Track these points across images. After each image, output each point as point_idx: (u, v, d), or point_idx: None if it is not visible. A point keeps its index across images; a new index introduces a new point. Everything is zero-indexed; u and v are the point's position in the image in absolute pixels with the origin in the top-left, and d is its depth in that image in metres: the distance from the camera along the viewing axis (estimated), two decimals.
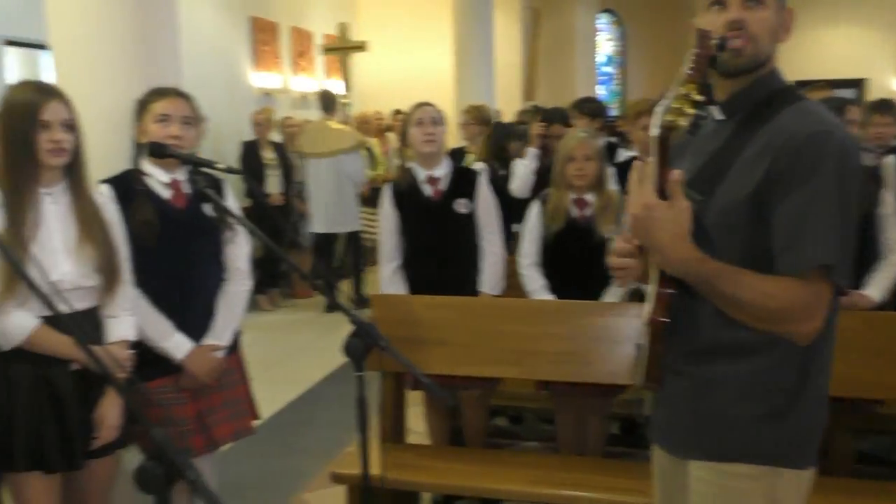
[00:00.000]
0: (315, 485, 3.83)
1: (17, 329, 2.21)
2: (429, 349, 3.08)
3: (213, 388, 2.68)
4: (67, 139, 2.26)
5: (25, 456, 2.24)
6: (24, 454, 2.24)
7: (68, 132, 2.27)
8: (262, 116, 7.47)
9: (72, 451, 2.28)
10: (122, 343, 2.39)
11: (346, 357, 2.18)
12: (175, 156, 2.52)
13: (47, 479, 2.29)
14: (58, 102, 2.26)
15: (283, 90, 9.51)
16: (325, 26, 10.68)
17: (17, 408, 2.24)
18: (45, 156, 2.23)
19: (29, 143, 2.21)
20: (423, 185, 3.38)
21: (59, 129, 2.24)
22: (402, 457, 3.03)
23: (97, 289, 2.33)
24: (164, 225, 2.57)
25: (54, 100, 2.26)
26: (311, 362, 5.83)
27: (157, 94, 2.61)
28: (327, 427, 4.65)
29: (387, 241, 3.43)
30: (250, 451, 4.03)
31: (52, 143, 2.23)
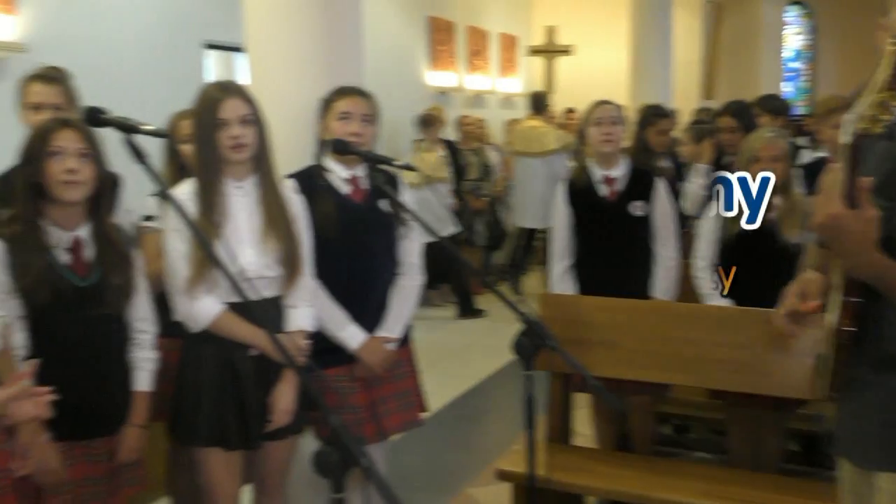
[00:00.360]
0: (480, 480, 3.86)
1: (205, 313, 2.34)
2: (597, 351, 3.03)
3: (385, 378, 2.74)
4: (247, 134, 2.34)
5: (207, 432, 2.38)
6: (206, 430, 2.38)
7: (248, 127, 2.35)
8: (432, 114, 7.61)
9: (249, 431, 2.40)
10: (299, 332, 2.48)
11: (515, 355, 2.19)
12: (355, 152, 2.62)
13: (227, 455, 2.42)
14: (236, 100, 2.34)
15: (458, 89, 9.64)
16: (501, 25, 10.74)
17: (203, 386, 2.38)
18: (226, 152, 2.34)
19: (211, 140, 2.33)
20: (598, 184, 3.33)
21: (238, 126, 2.33)
22: (567, 458, 3.00)
23: (279, 279, 2.45)
24: (342, 219, 2.66)
25: (233, 97, 2.34)
26: (479, 358, 5.89)
27: (340, 93, 2.71)
28: (493, 423, 4.68)
29: (559, 239, 3.41)
30: (418, 443, 4.12)
31: (231, 139, 2.32)
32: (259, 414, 2.41)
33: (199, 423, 2.38)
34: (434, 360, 5.70)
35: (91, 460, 2.30)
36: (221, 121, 2.32)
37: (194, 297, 2.33)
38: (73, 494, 2.25)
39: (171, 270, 2.37)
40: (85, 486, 2.28)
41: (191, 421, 2.39)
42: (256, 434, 2.42)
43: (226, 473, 2.45)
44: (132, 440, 2.35)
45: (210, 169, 2.36)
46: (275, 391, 2.42)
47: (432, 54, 9.17)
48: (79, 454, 2.27)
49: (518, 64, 11.22)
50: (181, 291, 2.34)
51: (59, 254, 2.22)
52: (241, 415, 2.39)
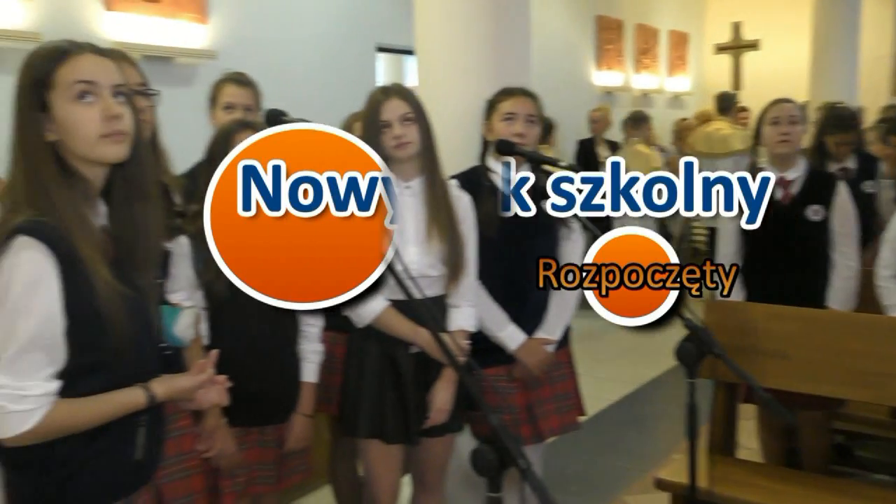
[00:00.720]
0: (636, 488, 3.79)
1: (370, 309, 2.40)
2: (766, 361, 2.90)
3: (543, 380, 2.74)
4: (409, 133, 2.39)
5: (368, 424, 2.45)
6: (366, 423, 2.45)
7: (410, 126, 2.39)
8: (598, 114, 7.53)
9: (408, 427, 2.46)
10: (461, 332, 2.51)
11: (678, 361, 2.13)
12: (520, 153, 2.63)
13: (387, 447, 2.48)
14: (397, 100, 2.39)
15: (625, 88, 9.49)
16: (672, 22, 10.46)
17: (365, 380, 2.46)
18: (391, 151, 2.39)
19: (376, 142, 2.37)
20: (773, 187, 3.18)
21: (400, 125, 2.38)
22: (731, 471, 2.89)
23: (442, 278, 2.49)
24: (504, 220, 2.68)
25: (393, 98, 2.39)
26: (639, 362, 5.77)
27: (505, 94, 2.73)
28: (652, 430, 4.58)
29: (726, 244, 3.28)
30: (574, 447, 4.09)
31: (394, 139, 2.38)
32: (418, 410, 2.46)
33: (360, 415, 2.46)
34: (593, 364, 5.64)
35: (263, 446, 2.42)
36: (384, 122, 2.38)
37: None
38: (245, 478, 2.39)
39: None
40: (256, 471, 2.41)
41: (353, 413, 2.47)
42: (415, 430, 2.47)
43: (385, 465, 2.51)
44: (300, 429, 2.46)
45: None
46: (433, 389, 2.47)
47: (599, 53, 9.07)
48: (252, 440, 2.40)
49: (688, 62, 10.88)
50: None
51: None
52: (400, 410, 2.45)
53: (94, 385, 1.56)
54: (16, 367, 1.47)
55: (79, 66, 1.56)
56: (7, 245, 1.48)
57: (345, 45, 6.18)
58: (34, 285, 1.47)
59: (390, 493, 2.55)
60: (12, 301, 1.46)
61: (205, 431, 2.23)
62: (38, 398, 1.48)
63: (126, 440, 1.63)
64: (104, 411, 1.57)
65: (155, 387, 1.63)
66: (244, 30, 5.41)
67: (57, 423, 1.51)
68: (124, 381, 1.60)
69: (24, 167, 1.55)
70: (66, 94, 1.54)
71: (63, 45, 1.58)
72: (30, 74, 1.55)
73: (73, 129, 1.54)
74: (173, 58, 4.97)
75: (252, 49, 5.29)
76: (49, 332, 1.49)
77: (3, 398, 1.46)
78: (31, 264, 1.47)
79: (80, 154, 1.56)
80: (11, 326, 1.47)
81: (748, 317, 3.00)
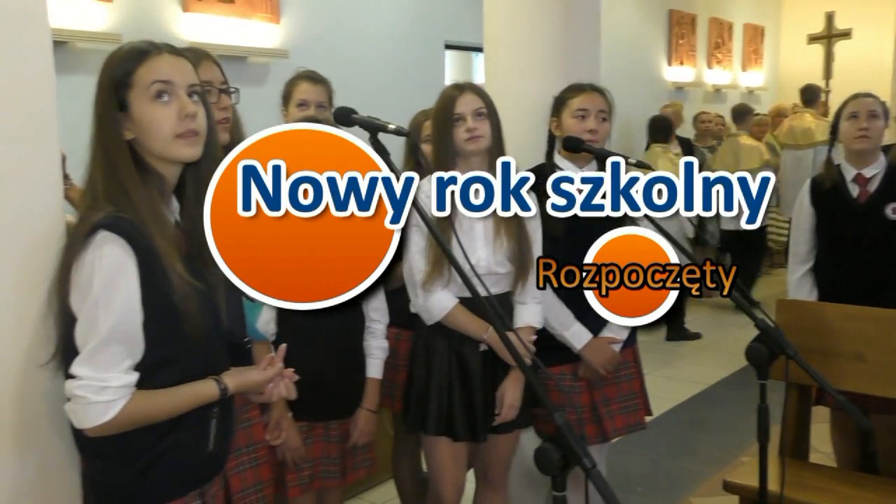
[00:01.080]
0: (703, 490, 3.73)
1: (439, 306, 2.43)
2: (841, 364, 2.82)
3: (609, 380, 2.72)
4: (481, 126, 2.42)
5: (436, 421, 2.47)
6: (434, 420, 2.47)
7: (482, 120, 2.42)
8: (669, 110, 7.41)
9: (475, 424, 2.47)
10: (527, 329, 2.51)
11: (748, 362, 2.10)
12: (588, 150, 2.61)
13: (453, 445, 2.50)
14: (471, 94, 2.44)
15: (697, 83, 9.31)
16: (746, 15, 10.23)
17: (433, 377, 2.48)
18: (462, 144, 2.41)
19: (449, 135, 2.42)
20: (849, 184, 3.09)
21: (473, 119, 2.41)
22: (803, 475, 2.82)
23: (509, 276, 2.50)
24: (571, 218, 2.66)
25: (467, 93, 2.44)
26: (708, 362, 5.68)
27: (576, 90, 2.71)
28: (720, 432, 4.50)
29: (799, 241, 3.20)
30: (640, 447, 4.05)
31: (467, 132, 2.41)
32: (486, 407, 2.47)
33: (428, 412, 2.47)
34: (661, 363, 5.57)
35: (328, 441, 2.46)
36: (458, 115, 2.41)
37: (430, 291, 2.42)
38: (310, 472, 2.42)
39: (409, 264, 2.46)
40: (321, 465, 2.45)
41: (421, 410, 2.49)
42: (483, 427, 2.48)
43: (451, 462, 2.53)
44: (364, 424, 2.48)
45: (447, 165, 2.45)
46: (503, 386, 2.47)
47: (671, 48, 8.92)
48: (317, 434, 2.44)
49: (763, 56, 10.63)
50: (419, 285, 2.43)
51: None
52: (468, 407, 2.46)
53: (169, 377, 1.61)
54: (97, 359, 1.52)
55: (156, 66, 1.60)
56: (88, 240, 1.53)
57: (414, 43, 6.22)
58: (115, 279, 1.52)
59: (455, 490, 2.56)
60: (94, 295, 1.52)
61: (271, 422, 2.28)
62: (118, 389, 1.53)
63: (200, 432, 1.67)
64: (179, 403, 1.61)
65: (227, 380, 1.68)
66: (315, 29, 5.50)
67: (135, 414, 1.55)
68: (197, 373, 1.65)
69: (104, 165, 1.61)
70: (143, 93, 1.59)
71: (141, 46, 1.63)
72: (109, 75, 1.61)
73: (149, 127, 1.60)
74: (247, 57, 5.08)
75: (322, 48, 5.37)
76: (128, 325, 1.54)
77: (84, 389, 1.52)
78: (111, 258, 1.52)
79: (156, 152, 1.62)
80: (93, 319, 1.52)
81: (823, 317, 2.93)
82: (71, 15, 4.21)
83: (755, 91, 10.43)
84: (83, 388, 1.51)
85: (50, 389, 1.67)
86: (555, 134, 2.75)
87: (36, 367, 1.65)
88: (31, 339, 1.65)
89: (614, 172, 1.74)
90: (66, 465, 1.75)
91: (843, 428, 3.23)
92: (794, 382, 2.97)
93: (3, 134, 1.60)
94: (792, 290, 3.21)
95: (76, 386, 1.52)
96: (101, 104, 1.61)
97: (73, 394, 1.53)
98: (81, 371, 1.52)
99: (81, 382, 1.52)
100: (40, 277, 1.63)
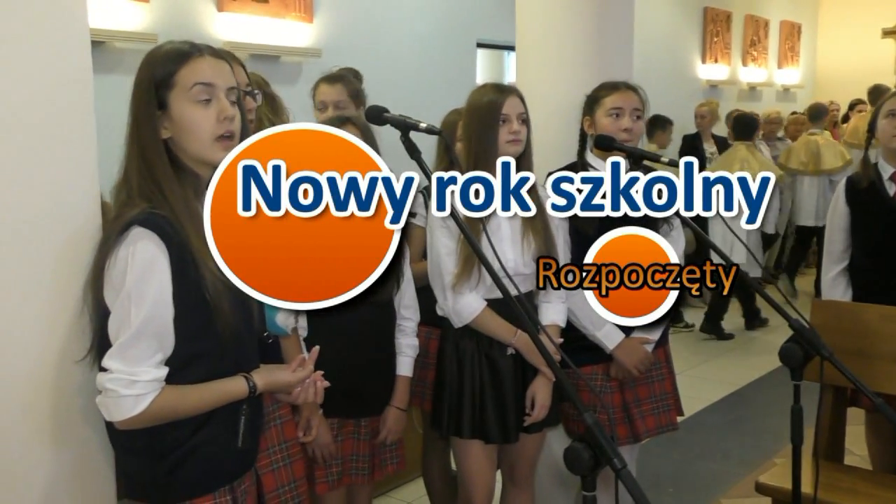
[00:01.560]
0: (735, 491, 3.70)
1: (468, 310, 2.42)
2: (878, 365, 2.78)
3: (641, 380, 2.71)
4: (523, 131, 2.43)
5: (471, 424, 2.47)
6: (469, 422, 2.47)
7: (524, 126, 2.44)
8: (705, 109, 7.33)
9: (507, 425, 2.47)
10: (554, 328, 2.52)
11: (782, 363, 2.07)
12: (620, 149, 2.60)
13: (486, 447, 2.50)
14: (516, 98, 2.44)
15: (731, 81, 9.21)
16: (783, 12, 10.10)
17: (465, 380, 2.47)
18: (504, 147, 2.41)
19: (491, 136, 2.41)
20: (886, 182, 3.04)
21: (517, 122, 2.42)
22: (837, 478, 2.78)
23: (535, 276, 2.49)
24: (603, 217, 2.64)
25: (513, 96, 2.44)
26: (741, 363, 5.62)
27: (609, 88, 2.69)
28: (753, 433, 4.45)
29: (834, 240, 3.15)
30: (671, 447, 4.02)
31: (511, 133, 2.41)
32: (517, 408, 2.47)
33: (462, 416, 2.47)
34: (694, 363, 5.52)
35: (358, 438, 2.46)
36: (504, 116, 2.41)
37: (459, 293, 2.42)
38: (339, 469, 2.43)
39: (436, 266, 2.46)
40: (350, 462, 2.45)
41: (455, 414, 2.48)
42: (515, 428, 2.48)
43: (483, 464, 2.53)
44: (394, 421, 2.48)
45: (483, 165, 2.44)
46: (532, 386, 2.47)
47: (705, 46, 8.83)
48: (347, 432, 2.45)
49: (799, 54, 10.49)
50: (447, 287, 2.42)
51: None
52: (500, 409, 2.46)
53: (199, 373, 1.62)
54: (128, 353, 1.54)
55: (198, 68, 1.62)
56: (122, 237, 1.56)
57: (446, 42, 6.22)
58: (146, 274, 1.54)
59: (487, 493, 2.56)
60: (126, 289, 1.54)
61: (302, 420, 2.29)
62: (148, 383, 1.55)
63: (230, 429, 1.69)
64: (209, 399, 1.63)
65: (256, 378, 1.69)
66: (348, 28, 5.52)
67: (164, 408, 1.57)
68: (227, 370, 1.66)
69: (139, 162, 1.63)
70: (184, 94, 1.61)
71: (184, 48, 1.65)
72: (150, 74, 1.63)
73: (189, 128, 1.62)
74: (280, 56, 5.12)
75: (355, 47, 5.39)
76: (160, 320, 1.56)
77: (115, 383, 1.54)
78: (144, 254, 1.55)
79: (193, 153, 1.64)
80: (125, 313, 1.54)
81: (859, 318, 2.89)
82: (108, 15, 4.27)
83: (791, 89, 10.30)
84: (114, 381, 1.54)
85: (84, 384, 1.70)
86: (587, 132, 2.74)
87: (72, 363, 1.68)
88: (67, 334, 1.68)
89: (614, 173, 1.74)
90: (101, 459, 1.78)
91: (879, 430, 3.18)
92: (830, 384, 2.93)
93: (42, 133, 1.63)
94: (826, 290, 3.17)
95: (107, 379, 1.54)
96: (139, 102, 1.63)
97: (103, 387, 1.55)
98: (112, 364, 1.54)
99: (112, 376, 1.54)
100: (75, 273, 1.66)
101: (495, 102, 2.42)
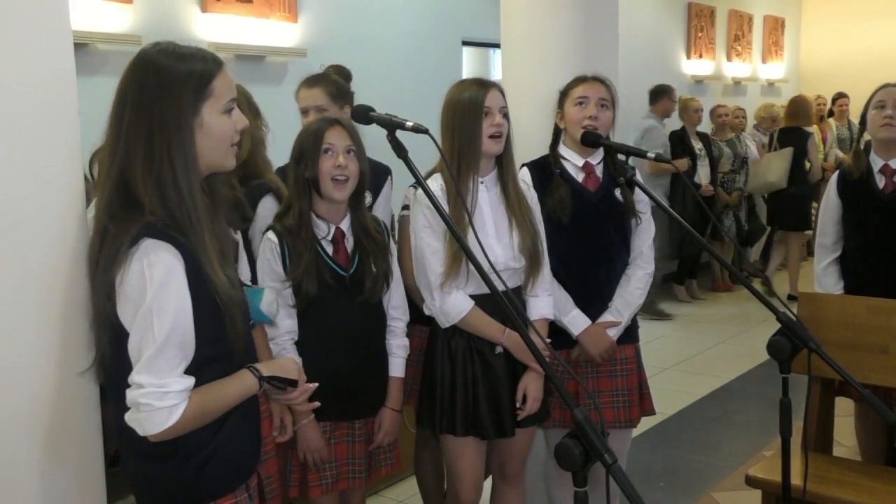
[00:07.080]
0: (726, 485, 3.71)
1: (456, 310, 2.42)
2: (865, 357, 2.79)
3: (604, 372, 2.72)
4: (505, 124, 2.43)
5: (465, 422, 2.46)
6: (463, 420, 2.46)
7: (505, 120, 2.43)
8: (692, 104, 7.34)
9: (501, 420, 2.47)
10: (542, 322, 2.52)
11: (770, 356, 2.08)
12: (605, 144, 2.61)
13: (478, 444, 2.51)
14: (497, 91, 2.44)
15: (716, 76, 9.23)
16: (767, 7, 10.13)
17: (457, 377, 2.47)
18: (487, 142, 2.40)
19: (476, 131, 2.39)
20: (876, 175, 3.06)
21: (499, 115, 2.41)
22: (827, 469, 2.80)
23: (522, 270, 2.49)
24: (575, 206, 2.66)
25: (494, 89, 2.43)
26: (728, 357, 5.64)
27: (578, 81, 2.72)
28: (742, 426, 4.47)
29: (826, 232, 3.17)
30: (662, 442, 4.04)
31: (493, 126, 2.40)
32: (510, 403, 2.47)
33: (456, 414, 2.46)
34: (682, 358, 5.54)
35: (352, 441, 2.44)
36: (486, 109, 2.40)
37: (446, 293, 2.41)
38: (334, 472, 2.41)
39: (422, 266, 2.45)
40: (346, 465, 2.43)
41: (447, 412, 2.47)
42: (508, 423, 2.48)
43: (475, 461, 2.53)
44: (389, 423, 2.46)
45: (466, 163, 2.43)
46: (523, 379, 2.47)
47: (690, 41, 8.85)
48: (341, 434, 2.42)
49: (783, 48, 10.53)
50: (434, 287, 2.42)
51: (325, 245, 2.37)
52: (494, 405, 2.46)
53: (213, 376, 1.62)
54: (156, 365, 1.52)
55: (227, 79, 1.64)
56: (132, 250, 1.53)
57: (431, 40, 6.21)
58: (167, 285, 1.52)
59: (476, 490, 2.55)
60: (148, 303, 1.52)
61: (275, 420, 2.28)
62: (179, 394, 1.54)
63: (245, 426, 1.71)
64: (228, 397, 1.64)
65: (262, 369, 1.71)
66: (332, 27, 5.50)
67: (196, 413, 1.57)
68: (235, 368, 1.68)
69: (149, 163, 1.59)
70: (218, 105, 1.61)
71: (212, 55, 1.65)
72: (186, 82, 1.57)
73: (217, 136, 1.62)
74: (265, 56, 5.10)
75: (340, 46, 5.37)
76: (182, 329, 1.55)
77: (149, 397, 1.51)
78: (161, 265, 1.52)
79: (211, 160, 1.64)
80: (148, 327, 1.52)
81: (846, 310, 2.91)
82: (91, 17, 4.23)
83: (776, 83, 10.33)
84: (147, 395, 1.52)
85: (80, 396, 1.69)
86: (559, 126, 2.75)
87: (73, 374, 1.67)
88: (60, 342, 1.66)
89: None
90: (95, 471, 1.77)
91: (868, 422, 3.20)
92: (818, 376, 2.94)
93: (26, 135, 1.62)
94: (818, 280, 3.20)
95: (140, 394, 1.52)
96: (176, 110, 1.57)
97: (136, 402, 1.53)
98: (143, 379, 1.52)
99: (145, 391, 1.52)
100: (61, 276, 1.65)
101: (477, 96, 2.41)
